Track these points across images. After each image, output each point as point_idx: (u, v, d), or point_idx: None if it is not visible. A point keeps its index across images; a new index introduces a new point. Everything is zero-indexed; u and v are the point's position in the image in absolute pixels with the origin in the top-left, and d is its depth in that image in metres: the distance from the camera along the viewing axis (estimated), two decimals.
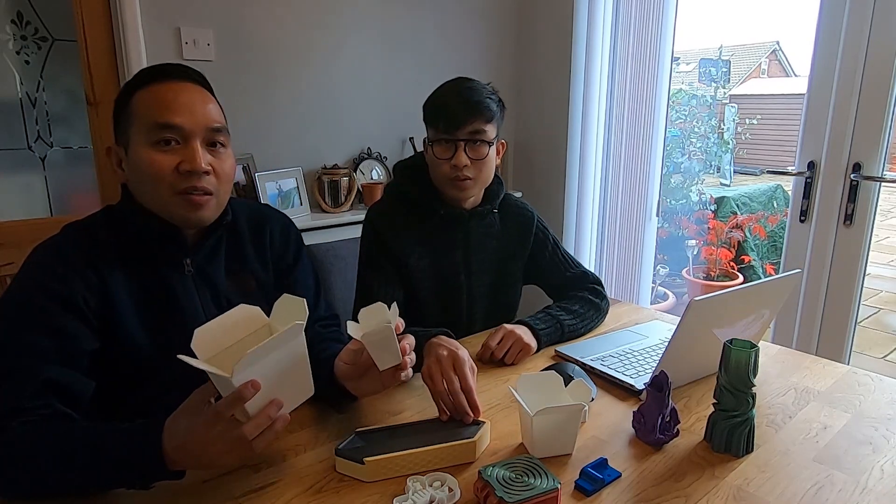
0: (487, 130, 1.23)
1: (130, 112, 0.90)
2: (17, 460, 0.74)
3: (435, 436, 0.86)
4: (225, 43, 2.09)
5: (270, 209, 1.14)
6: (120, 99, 0.92)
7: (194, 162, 0.87)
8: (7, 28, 1.90)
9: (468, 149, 1.22)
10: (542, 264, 1.41)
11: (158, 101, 0.89)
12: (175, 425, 0.71)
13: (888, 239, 5.89)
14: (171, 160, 0.88)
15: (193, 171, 0.88)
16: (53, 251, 0.88)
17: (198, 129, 0.89)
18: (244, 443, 0.69)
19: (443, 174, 1.25)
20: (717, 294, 0.97)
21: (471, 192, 1.27)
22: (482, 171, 1.24)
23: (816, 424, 0.96)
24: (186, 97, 0.90)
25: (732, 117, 5.47)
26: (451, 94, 1.24)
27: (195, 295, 0.97)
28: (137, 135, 0.89)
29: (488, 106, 1.22)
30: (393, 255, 1.26)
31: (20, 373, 0.79)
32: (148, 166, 0.87)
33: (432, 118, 1.25)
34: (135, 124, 0.89)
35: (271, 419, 0.70)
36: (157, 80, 0.90)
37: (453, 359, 0.94)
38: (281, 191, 2.24)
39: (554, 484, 0.73)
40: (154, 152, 0.88)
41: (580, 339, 1.30)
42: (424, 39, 2.59)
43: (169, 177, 0.88)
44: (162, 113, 0.87)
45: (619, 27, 2.49)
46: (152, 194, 0.90)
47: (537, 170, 2.89)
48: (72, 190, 2.10)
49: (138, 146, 0.89)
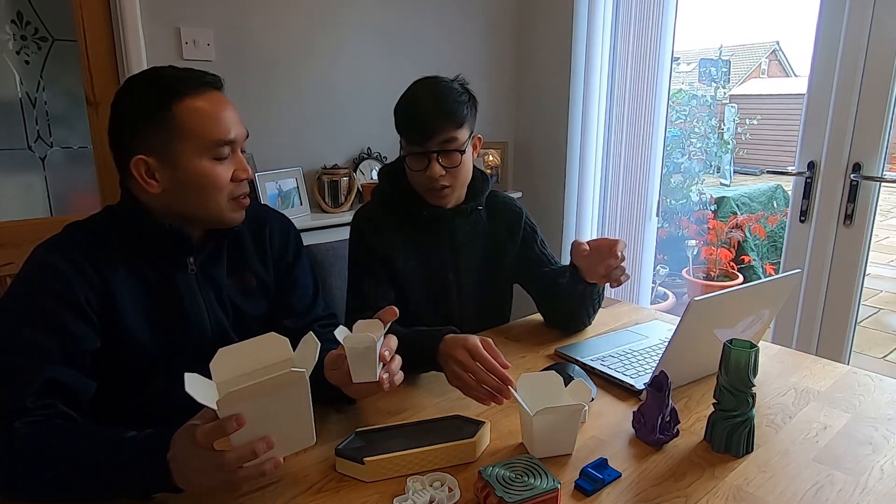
0: (458, 137, 1.19)
1: (172, 126, 0.88)
2: (18, 462, 0.74)
3: (435, 436, 0.86)
4: (225, 43, 2.09)
5: (270, 209, 1.14)
6: (148, 109, 0.89)
7: (248, 171, 0.96)
8: (7, 28, 1.90)
9: (441, 158, 1.19)
10: (531, 257, 1.39)
11: (209, 117, 0.90)
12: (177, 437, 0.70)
13: (888, 239, 5.89)
14: (228, 171, 0.94)
15: (248, 178, 0.97)
16: (55, 251, 0.88)
17: (241, 140, 0.96)
18: (224, 472, 0.67)
19: (419, 184, 1.24)
20: (717, 294, 0.97)
21: (450, 198, 1.25)
22: (458, 177, 1.22)
23: (816, 424, 0.96)
24: (230, 111, 0.94)
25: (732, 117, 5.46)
26: (418, 101, 1.20)
27: (198, 294, 0.98)
28: (190, 150, 0.90)
29: (456, 111, 1.18)
30: (381, 257, 1.26)
31: (22, 372, 0.79)
32: (211, 178, 0.92)
33: (401, 129, 1.22)
34: (181, 139, 0.89)
35: (256, 454, 0.67)
36: (196, 92, 0.90)
37: (468, 351, 0.94)
38: (281, 191, 2.24)
39: (554, 484, 0.73)
40: (216, 166, 0.92)
41: (580, 339, 1.30)
42: (424, 39, 2.59)
43: (227, 186, 0.94)
44: (219, 130, 0.91)
45: (619, 27, 2.49)
46: (207, 202, 0.93)
47: (537, 170, 2.89)
48: (72, 190, 2.10)
49: (193, 160, 0.90)
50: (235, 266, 1.03)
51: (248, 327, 1.04)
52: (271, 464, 0.70)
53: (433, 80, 1.23)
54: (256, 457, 0.68)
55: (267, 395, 0.68)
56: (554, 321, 1.37)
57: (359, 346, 0.82)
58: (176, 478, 0.69)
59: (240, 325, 1.03)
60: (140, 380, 0.94)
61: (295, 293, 1.10)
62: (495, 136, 2.85)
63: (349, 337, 0.84)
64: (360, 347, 0.82)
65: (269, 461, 0.70)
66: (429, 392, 1.07)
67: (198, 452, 0.67)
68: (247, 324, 1.03)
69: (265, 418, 0.69)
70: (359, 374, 0.84)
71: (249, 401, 0.67)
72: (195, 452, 0.68)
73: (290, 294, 1.10)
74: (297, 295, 1.11)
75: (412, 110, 1.20)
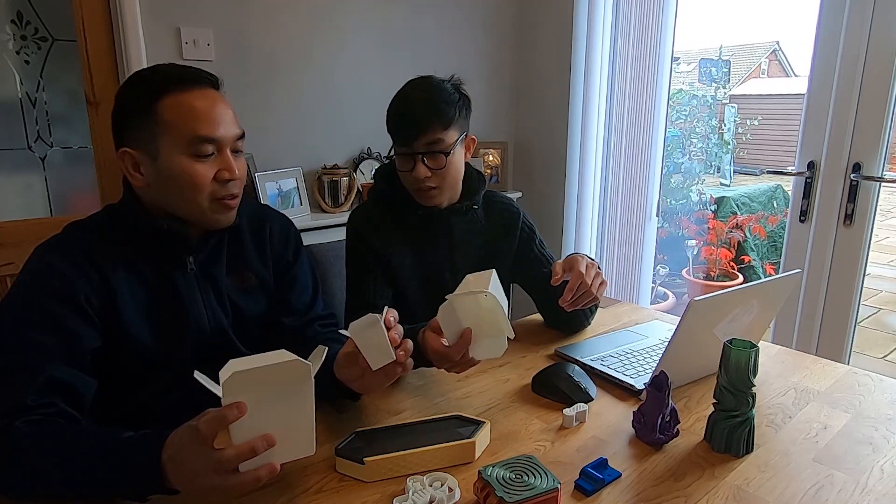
0: (445, 138, 1.18)
1: (158, 120, 0.88)
2: (19, 462, 0.74)
3: (435, 436, 0.86)
4: (225, 43, 2.09)
5: (270, 209, 1.14)
6: (137, 103, 0.90)
7: (232, 171, 0.92)
8: (7, 28, 1.90)
9: (426, 159, 1.18)
10: (529, 258, 1.38)
11: (193, 113, 0.89)
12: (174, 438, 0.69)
13: (888, 239, 5.89)
14: (210, 170, 0.91)
15: (232, 179, 0.92)
16: (55, 250, 0.88)
17: (229, 139, 0.93)
18: (220, 475, 0.65)
19: (408, 184, 1.24)
20: (717, 294, 0.97)
21: (438, 199, 1.25)
22: (445, 178, 1.21)
23: (816, 424, 0.96)
24: (219, 108, 0.92)
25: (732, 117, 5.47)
26: (406, 102, 1.20)
27: (198, 293, 0.98)
28: (172, 145, 0.89)
29: (444, 112, 1.16)
30: (377, 255, 1.26)
31: (24, 371, 0.79)
32: (189, 176, 0.90)
33: (390, 129, 1.22)
34: (167, 134, 0.88)
35: (255, 451, 0.66)
36: (182, 88, 0.90)
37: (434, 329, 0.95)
38: (281, 191, 2.24)
39: (554, 484, 0.73)
40: (194, 163, 0.90)
41: (580, 339, 1.30)
42: (424, 39, 2.59)
43: (209, 186, 0.91)
44: (201, 126, 0.89)
45: (619, 27, 2.49)
46: (188, 201, 0.91)
47: (537, 170, 2.89)
48: (72, 190, 2.10)
49: (173, 156, 0.89)
50: (235, 265, 1.04)
51: (248, 326, 1.04)
52: (267, 469, 0.67)
53: (425, 81, 1.23)
54: (255, 454, 0.66)
55: (271, 386, 0.68)
56: (553, 322, 1.37)
57: (365, 327, 0.81)
58: (172, 479, 0.68)
59: (239, 324, 1.03)
60: (139, 378, 0.94)
61: (294, 291, 1.10)
62: (495, 136, 2.85)
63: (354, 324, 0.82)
64: (368, 328, 0.81)
65: (265, 466, 0.67)
66: (429, 392, 1.07)
67: (196, 451, 0.66)
68: (246, 322, 1.03)
69: (267, 412, 0.68)
70: (375, 360, 0.82)
71: (254, 389, 0.67)
72: (193, 451, 0.66)
73: (290, 292, 1.10)
74: (297, 293, 1.11)
75: (400, 111, 1.20)
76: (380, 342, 0.82)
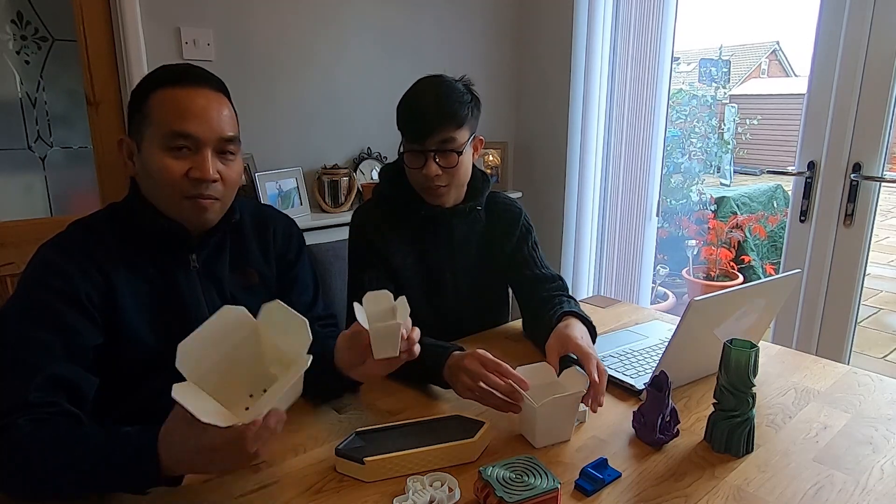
0: (457, 137, 1.18)
1: (146, 112, 0.90)
2: (20, 460, 0.74)
3: (435, 436, 0.86)
4: (225, 43, 2.09)
5: (274, 210, 1.15)
6: (136, 94, 0.92)
7: (204, 171, 0.89)
8: (7, 28, 1.89)
9: (438, 158, 1.18)
10: (518, 258, 1.36)
11: (175, 106, 0.89)
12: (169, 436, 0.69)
13: (888, 239, 5.89)
14: (182, 166, 0.90)
15: (203, 179, 0.90)
16: (57, 248, 0.89)
17: (210, 138, 0.90)
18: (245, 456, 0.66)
19: (417, 182, 1.24)
20: (717, 294, 0.97)
21: (445, 198, 1.25)
22: (455, 177, 1.22)
23: (816, 424, 0.96)
24: (202, 104, 0.90)
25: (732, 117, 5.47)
26: (419, 99, 1.19)
27: (200, 291, 0.98)
28: (151, 137, 0.90)
29: (457, 111, 1.17)
30: (379, 254, 1.26)
31: (26, 368, 0.79)
32: (159, 170, 0.89)
33: (401, 126, 1.22)
34: (149, 125, 0.90)
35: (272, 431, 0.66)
36: (175, 84, 0.90)
37: (478, 361, 0.94)
38: (281, 191, 2.24)
39: (554, 484, 0.73)
40: (166, 157, 0.89)
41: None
42: (424, 39, 2.59)
43: (179, 182, 0.90)
44: (177, 120, 0.88)
45: (619, 27, 2.49)
46: (161, 195, 0.92)
47: (537, 170, 2.89)
48: (72, 190, 2.10)
49: (151, 148, 0.90)
50: (238, 262, 1.04)
51: None
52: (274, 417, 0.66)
53: (437, 79, 1.23)
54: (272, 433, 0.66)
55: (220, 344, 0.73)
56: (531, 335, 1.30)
57: (385, 330, 0.84)
58: (176, 466, 0.69)
59: None
60: (141, 376, 0.94)
61: (295, 290, 1.11)
62: (495, 136, 2.85)
63: (375, 326, 0.84)
64: (386, 332, 0.84)
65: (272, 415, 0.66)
66: (429, 392, 1.07)
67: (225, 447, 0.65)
68: None
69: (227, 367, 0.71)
70: (381, 351, 0.85)
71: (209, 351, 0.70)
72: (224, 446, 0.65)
73: (291, 291, 1.10)
74: (298, 292, 1.11)
75: (413, 108, 1.20)
76: (392, 340, 0.84)
